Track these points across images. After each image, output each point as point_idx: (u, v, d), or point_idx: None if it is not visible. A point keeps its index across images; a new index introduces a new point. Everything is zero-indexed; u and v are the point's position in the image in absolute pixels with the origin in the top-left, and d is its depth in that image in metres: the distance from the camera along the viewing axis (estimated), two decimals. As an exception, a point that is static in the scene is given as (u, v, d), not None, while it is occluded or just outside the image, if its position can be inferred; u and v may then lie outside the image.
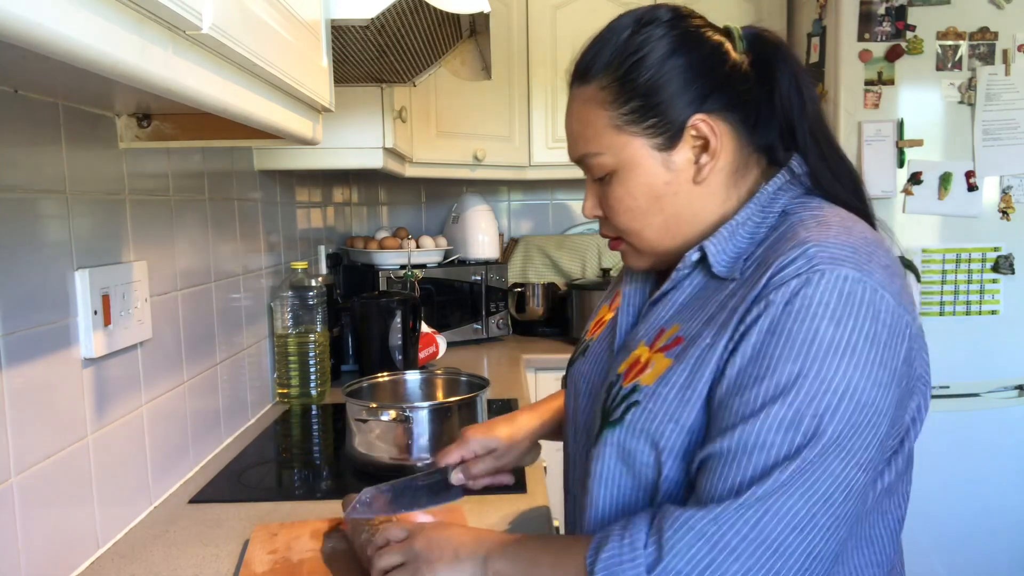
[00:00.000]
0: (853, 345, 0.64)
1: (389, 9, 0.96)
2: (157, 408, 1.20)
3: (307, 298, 1.75)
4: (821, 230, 0.70)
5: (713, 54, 0.76)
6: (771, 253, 0.71)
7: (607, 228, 0.84)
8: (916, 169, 2.18)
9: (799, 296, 0.65)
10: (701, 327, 0.73)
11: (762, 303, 0.67)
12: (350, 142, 1.68)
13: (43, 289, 0.92)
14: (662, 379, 0.73)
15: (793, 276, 0.66)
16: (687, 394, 0.71)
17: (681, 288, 0.79)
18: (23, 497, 0.87)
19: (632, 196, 0.78)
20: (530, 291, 2.57)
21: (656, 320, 0.80)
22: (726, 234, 0.76)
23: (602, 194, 0.81)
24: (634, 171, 0.77)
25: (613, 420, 0.76)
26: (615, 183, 0.79)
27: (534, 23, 2.45)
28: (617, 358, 0.83)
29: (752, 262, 0.73)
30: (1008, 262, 2.20)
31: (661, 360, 0.75)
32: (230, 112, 0.68)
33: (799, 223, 0.73)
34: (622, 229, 0.81)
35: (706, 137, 0.76)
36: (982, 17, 2.14)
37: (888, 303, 0.66)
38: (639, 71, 0.76)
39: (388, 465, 1.27)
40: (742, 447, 0.64)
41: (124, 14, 0.47)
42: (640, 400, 0.74)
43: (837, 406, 0.63)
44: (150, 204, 1.19)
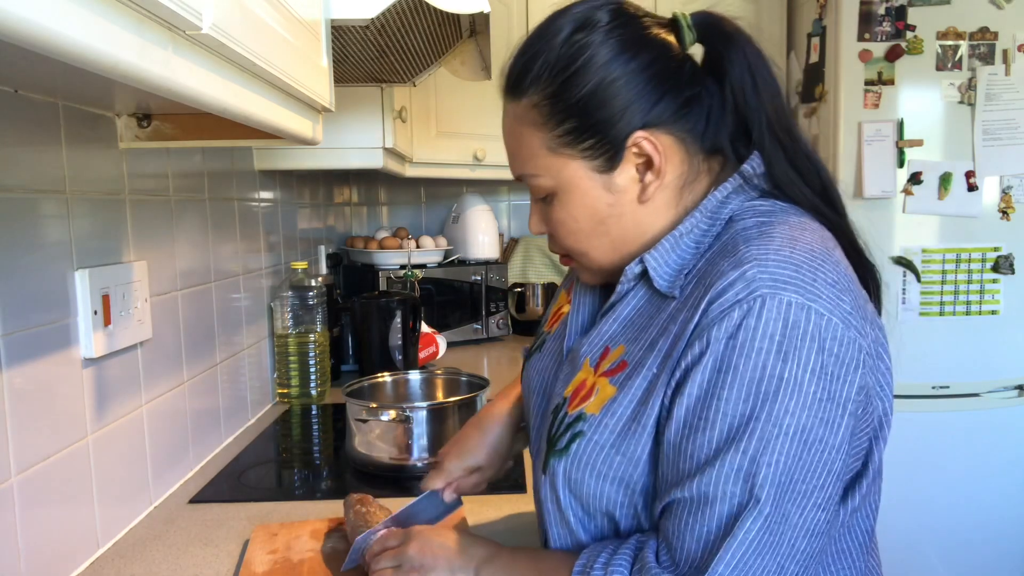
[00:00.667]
0: (799, 381, 0.61)
1: (389, 9, 0.96)
2: (157, 408, 1.20)
3: (307, 298, 1.75)
4: (762, 243, 0.65)
5: (656, 60, 0.70)
6: (710, 267, 0.67)
7: (555, 246, 0.80)
8: (916, 169, 2.18)
9: (742, 329, 0.61)
10: (644, 352, 0.70)
11: (704, 337, 0.63)
12: (350, 142, 1.68)
13: (43, 289, 0.92)
14: (607, 409, 0.70)
15: (733, 303, 0.62)
16: (633, 427, 0.68)
17: (626, 302, 0.76)
18: (23, 497, 0.87)
19: (574, 219, 0.74)
20: (530, 291, 2.57)
21: (600, 336, 0.76)
22: (668, 246, 0.72)
23: (545, 213, 0.77)
24: (573, 194, 0.73)
25: (558, 449, 0.73)
26: (556, 205, 0.75)
27: (534, 23, 2.44)
28: (562, 371, 0.80)
29: (692, 277, 0.69)
30: (1008, 262, 2.20)
31: (606, 387, 0.72)
32: (230, 112, 0.68)
33: (741, 233, 0.68)
34: (568, 249, 0.78)
35: (648, 155, 0.71)
36: (982, 17, 2.14)
37: (835, 329, 0.62)
38: (573, 87, 0.69)
39: (388, 465, 1.27)
40: (702, 498, 0.62)
41: (124, 14, 0.47)
42: (585, 431, 0.71)
43: (789, 450, 0.61)
44: (150, 204, 1.19)
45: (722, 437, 0.62)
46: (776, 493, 0.61)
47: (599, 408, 0.71)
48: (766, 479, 0.61)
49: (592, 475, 0.70)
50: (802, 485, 0.62)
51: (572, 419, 0.73)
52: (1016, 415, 2.21)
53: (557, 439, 0.74)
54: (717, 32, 0.73)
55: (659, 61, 0.70)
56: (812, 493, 0.62)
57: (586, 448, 0.71)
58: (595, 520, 0.73)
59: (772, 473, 0.61)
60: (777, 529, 0.61)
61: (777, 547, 0.61)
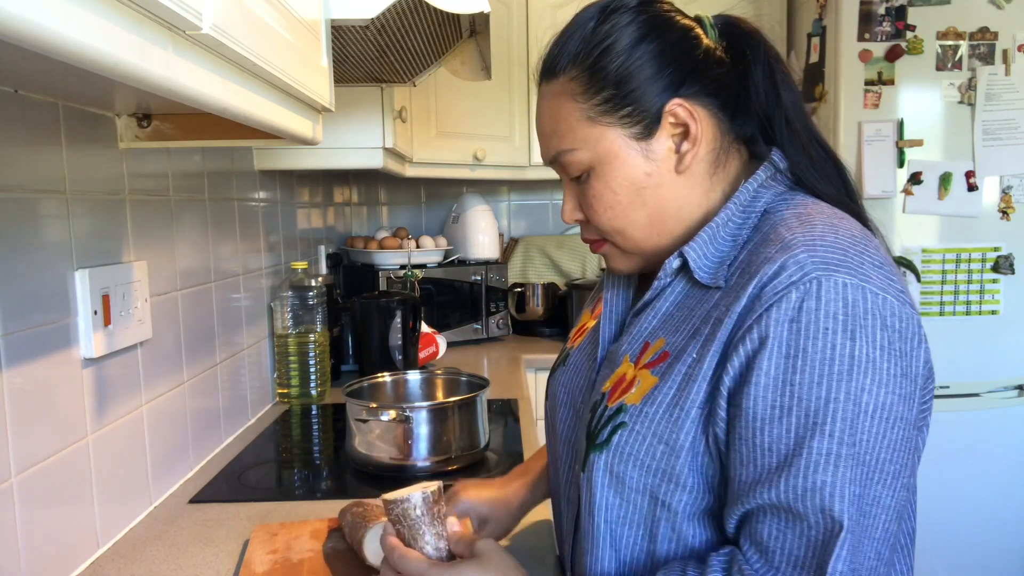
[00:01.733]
0: (872, 359, 0.60)
1: (389, 9, 0.96)
2: (157, 408, 1.20)
3: (307, 298, 1.75)
4: (806, 230, 0.66)
5: (684, 38, 0.73)
6: (754, 257, 0.67)
7: (589, 231, 0.80)
8: (916, 169, 2.18)
9: (803, 311, 0.61)
10: (686, 341, 0.70)
11: (762, 323, 0.62)
12: (350, 142, 1.68)
13: (43, 289, 0.92)
14: (648, 398, 0.70)
15: (788, 286, 0.62)
16: (675, 413, 0.68)
17: (664, 297, 0.76)
18: (23, 497, 0.87)
19: (612, 191, 0.74)
20: (530, 291, 2.57)
21: (639, 332, 0.76)
22: (706, 237, 0.72)
23: (581, 194, 0.77)
24: (612, 164, 0.73)
25: (599, 443, 0.72)
26: (593, 179, 0.75)
27: (534, 23, 2.45)
28: (601, 373, 0.80)
29: (736, 267, 0.69)
30: (1008, 262, 2.20)
31: (647, 377, 0.72)
32: (230, 112, 0.68)
33: (781, 223, 0.69)
34: (605, 228, 0.77)
35: (685, 123, 0.72)
36: (982, 17, 2.14)
37: (892, 306, 0.62)
38: (608, 59, 0.72)
39: (388, 465, 1.27)
40: (795, 495, 0.60)
41: (124, 14, 0.47)
42: (626, 421, 0.71)
43: (873, 429, 0.60)
44: (150, 204, 1.19)
45: (801, 423, 0.60)
46: (865, 476, 0.60)
47: (640, 398, 0.71)
48: (854, 458, 0.59)
49: (635, 467, 0.69)
50: (889, 466, 0.61)
51: (612, 411, 0.73)
52: (1016, 415, 2.21)
53: (597, 432, 0.73)
54: (738, 31, 0.76)
55: (688, 40, 0.73)
56: (899, 473, 0.61)
57: (628, 438, 0.70)
58: (630, 525, 0.71)
59: (859, 454, 0.59)
60: (870, 512, 0.60)
61: (873, 532, 0.60)
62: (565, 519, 0.85)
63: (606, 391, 0.76)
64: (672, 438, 0.67)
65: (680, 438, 0.67)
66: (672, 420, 0.68)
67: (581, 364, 0.86)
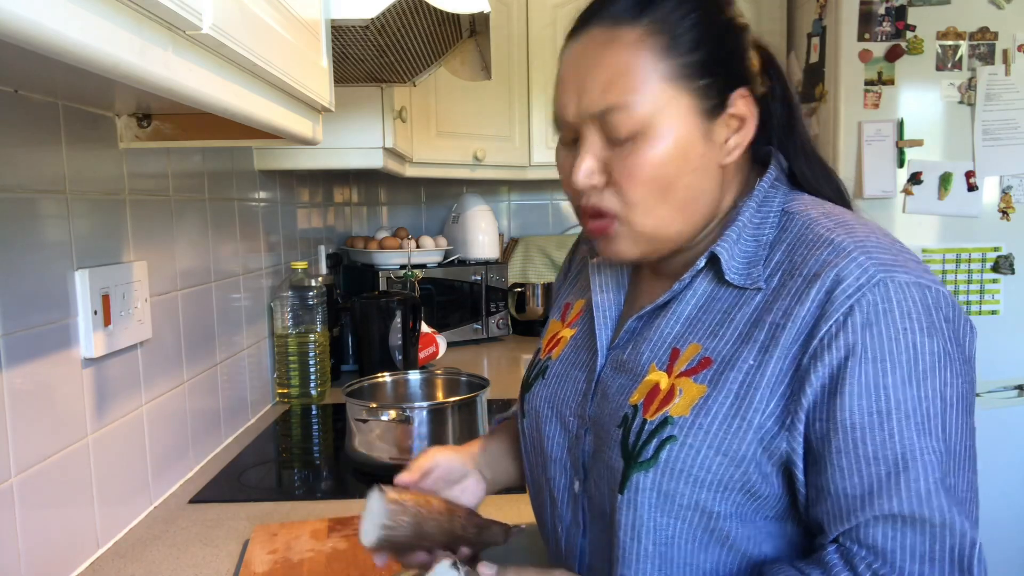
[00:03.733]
0: (947, 352, 0.61)
1: (389, 9, 0.96)
2: (157, 408, 1.20)
3: (307, 298, 1.75)
4: (847, 231, 0.66)
5: (747, 38, 0.72)
6: (797, 259, 0.66)
7: (604, 199, 0.70)
8: (916, 169, 2.18)
9: (880, 314, 0.61)
10: (734, 346, 0.67)
11: (843, 329, 0.61)
12: (350, 142, 1.68)
13: (43, 289, 0.92)
14: (700, 408, 0.66)
15: (856, 290, 0.61)
16: (736, 423, 0.64)
17: (682, 299, 0.72)
18: (23, 497, 0.87)
19: (663, 163, 0.67)
20: (530, 291, 2.57)
21: (661, 338, 0.72)
22: (734, 236, 0.70)
23: (613, 159, 0.69)
24: (672, 134, 0.67)
25: (643, 461, 0.67)
26: (644, 145, 0.67)
27: (534, 23, 2.45)
28: (613, 383, 0.75)
29: (773, 268, 0.68)
30: (1008, 262, 2.20)
31: (691, 386, 0.68)
32: (230, 112, 0.68)
33: (813, 224, 0.68)
34: (632, 201, 0.69)
35: (744, 116, 0.70)
36: (982, 17, 2.14)
37: (944, 297, 0.63)
38: (706, 23, 0.68)
39: (388, 465, 1.27)
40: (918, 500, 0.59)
41: (124, 14, 0.47)
42: (676, 435, 0.66)
43: (959, 421, 0.61)
44: (150, 204, 1.19)
45: (902, 427, 0.60)
46: (957, 466, 0.61)
47: (688, 409, 0.67)
48: (951, 454, 0.60)
49: (688, 483, 0.66)
50: (970, 451, 0.62)
51: (655, 425, 0.68)
52: (1016, 415, 2.21)
53: (640, 450, 0.68)
54: (763, 49, 0.76)
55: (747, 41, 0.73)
56: (974, 456, 0.62)
57: (679, 453, 0.66)
58: (681, 544, 0.68)
59: (951, 447, 0.60)
60: (967, 498, 0.61)
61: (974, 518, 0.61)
62: (564, 542, 0.80)
63: (636, 403, 0.70)
64: (733, 449, 0.64)
65: (743, 449, 0.64)
66: (732, 431, 0.65)
67: (567, 375, 0.81)
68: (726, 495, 0.66)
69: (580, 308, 0.86)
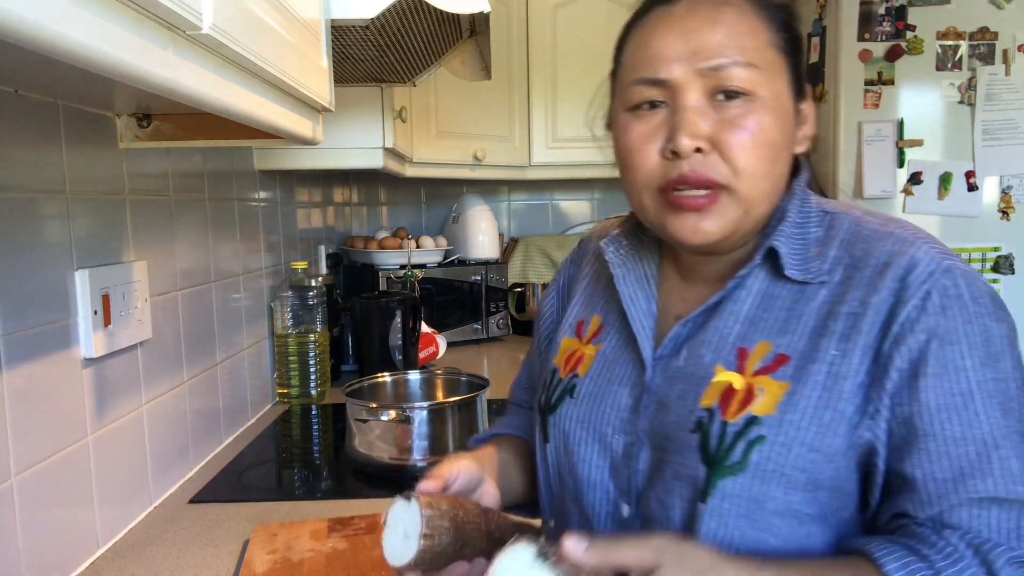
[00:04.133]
0: (1008, 335, 0.64)
1: (389, 9, 0.96)
2: (157, 408, 1.20)
3: (307, 298, 1.75)
4: (900, 226, 0.68)
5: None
6: (858, 252, 0.67)
7: (710, 165, 0.66)
8: (916, 169, 2.18)
9: (954, 299, 0.63)
10: (811, 340, 0.66)
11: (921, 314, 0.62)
12: (350, 142, 1.68)
13: (43, 289, 0.92)
14: (788, 406, 0.64)
15: (930, 277, 0.63)
16: (827, 416, 0.63)
17: (736, 299, 0.70)
18: (23, 497, 0.87)
19: (774, 129, 0.67)
20: (530, 291, 2.57)
21: (722, 339, 0.70)
22: (790, 232, 0.69)
23: (718, 122, 0.66)
24: (780, 103, 0.68)
25: (731, 465, 0.64)
26: (759, 109, 0.66)
27: (534, 23, 2.45)
28: (672, 391, 0.71)
29: (832, 263, 0.68)
30: (1008, 262, 2.20)
31: (771, 384, 0.66)
32: (230, 112, 0.68)
33: (865, 220, 0.70)
34: (743, 167, 0.66)
35: (807, 113, 0.72)
36: (982, 17, 2.14)
37: (987, 285, 0.66)
38: (796, 13, 0.71)
39: (388, 465, 1.27)
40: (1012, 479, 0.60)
41: (124, 14, 0.47)
42: (765, 435, 0.64)
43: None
44: (150, 204, 1.19)
45: (985, 407, 0.61)
46: None
47: (774, 407, 0.65)
48: None
49: (780, 484, 0.64)
50: None
51: (739, 427, 0.65)
52: (1016, 415, 2.21)
53: (725, 455, 0.65)
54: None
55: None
56: None
57: (770, 453, 0.64)
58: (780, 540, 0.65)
59: None
60: None
61: None
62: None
63: (710, 406, 0.67)
64: (825, 443, 0.63)
65: (835, 442, 0.63)
66: (824, 424, 0.63)
67: (604, 393, 0.76)
68: (816, 495, 0.64)
69: (598, 324, 0.83)
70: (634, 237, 0.82)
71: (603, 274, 0.85)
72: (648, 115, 0.69)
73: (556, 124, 2.52)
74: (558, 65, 2.46)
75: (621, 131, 0.71)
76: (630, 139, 0.70)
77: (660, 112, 0.68)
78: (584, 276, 0.90)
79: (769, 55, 0.67)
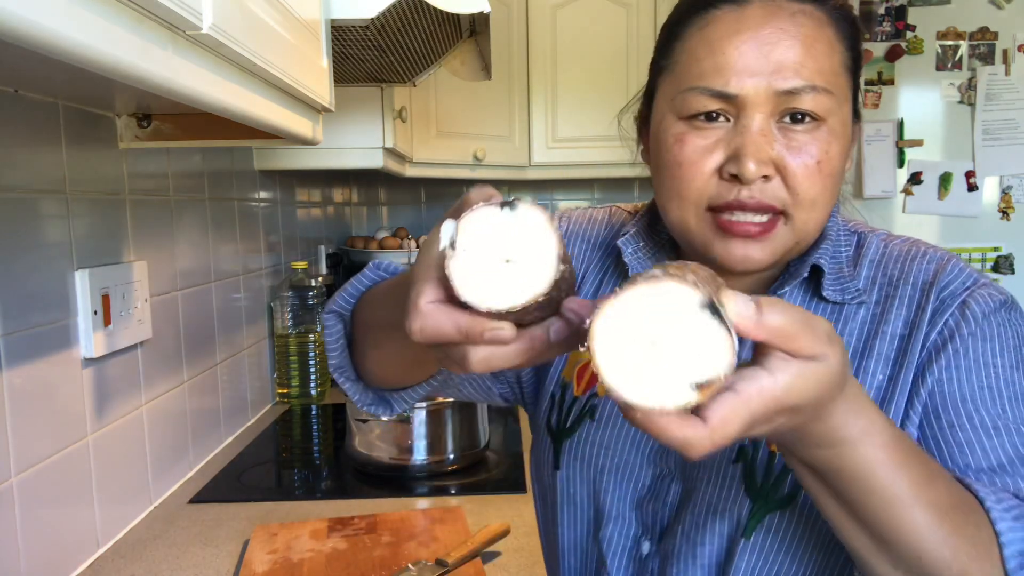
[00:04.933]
0: None
1: (389, 9, 0.96)
2: (157, 408, 1.20)
3: (307, 298, 1.75)
4: (926, 245, 0.68)
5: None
6: (894, 272, 0.67)
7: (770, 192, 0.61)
8: (916, 169, 2.18)
9: (994, 306, 0.63)
10: (854, 363, 0.64)
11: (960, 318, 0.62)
12: (350, 142, 1.68)
13: (43, 289, 0.92)
14: None
15: (966, 289, 0.63)
16: None
17: None
18: (23, 497, 0.87)
19: (841, 158, 0.63)
20: (530, 291, 2.57)
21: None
22: (831, 251, 0.67)
23: (794, 148, 0.61)
24: (846, 129, 0.63)
25: (780, 498, 0.61)
26: (828, 136, 0.61)
27: (534, 23, 2.45)
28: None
29: (866, 283, 0.67)
30: (1008, 262, 2.20)
31: None
32: (230, 112, 0.68)
33: (889, 241, 0.69)
34: (807, 197, 0.61)
35: (853, 135, 0.68)
36: (982, 17, 2.14)
37: None
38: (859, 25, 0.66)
39: (388, 465, 1.27)
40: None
41: (124, 14, 0.47)
42: None
43: None
44: (150, 204, 1.19)
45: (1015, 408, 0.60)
46: None
47: None
48: None
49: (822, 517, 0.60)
50: None
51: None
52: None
53: (773, 488, 0.61)
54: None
55: None
56: None
57: None
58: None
59: None
60: None
61: None
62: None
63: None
64: None
65: None
66: None
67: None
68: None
69: None
70: (651, 239, 0.75)
71: (616, 276, 0.78)
72: (706, 127, 0.62)
73: (556, 124, 2.52)
74: (558, 65, 2.46)
75: (673, 140, 0.64)
76: (684, 151, 0.63)
77: (720, 127, 0.62)
78: (592, 273, 0.80)
79: (842, 79, 0.62)
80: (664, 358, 0.37)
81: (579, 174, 2.52)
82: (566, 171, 2.51)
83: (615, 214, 0.83)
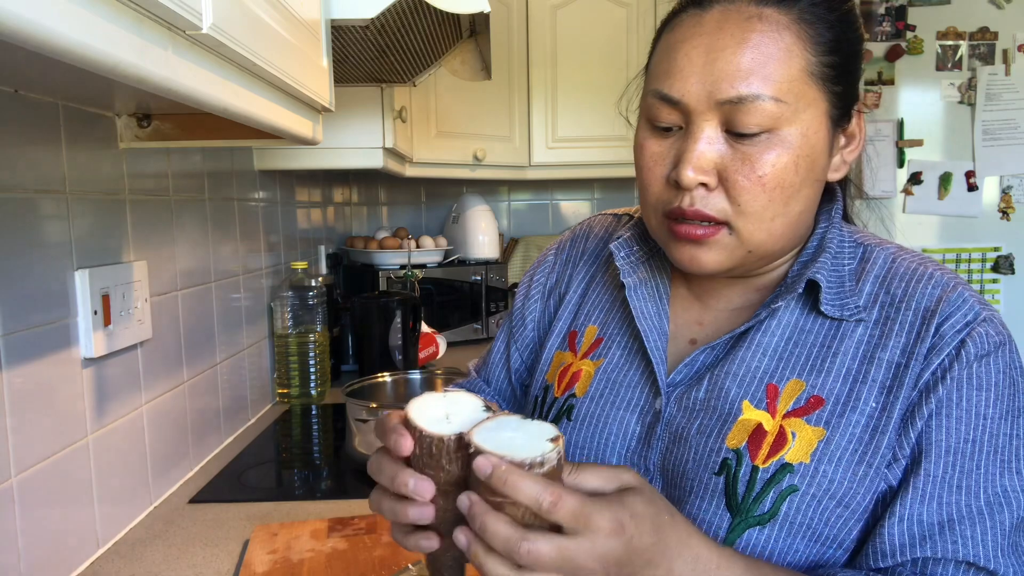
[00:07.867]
0: None
1: (389, 9, 0.96)
2: (157, 408, 1.20)
3: (307, 298, 1.75)
4: (938, 268, 0.66)
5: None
6: (897, 291, 0.65)
7: (711, 203, 0.62)
8: (916, 169, 2.18)
9: (993, 347, 0.61)
10: (848, 385, 0.63)
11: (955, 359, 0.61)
12: (350, 142, 1.68)
13: (43, 289, 0.92)
14: (822, 455, 0.61)
15: (967, 325, 0.62)
16: (861, 470, 0.60)
17: (765, 330, 0.66)
18: (23, 497, 0.87)
19: (794, 170, 0.60)
20: (530, 291, 2.57)
21: (749, 372, 0.65)
22: (829, 263, 0.66)
23: (731, 157, 0.60)
24: (807, 139, 0.61)
25: (761, 515, 0.60)
26: (776, 145, 0.60)
27: (534, 23, 2.45)
28: (692, 424, 0.66)
29: (867, 300, 0.65)
30: (1008, 262, 2.20)
31: (804, 428, 0.62)
32: (230, 112, 0.68)
33: (897, 256, 0.67)
34: (750, 209, 0.61)
35: (855, 134, 0.67)
36: (982, 17, 2.14)
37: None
38: (851, 25, 0.62)
39: (388, 465, 1.27)
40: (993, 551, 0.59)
41: (124, 14, 0.47)
42: (798, 485, 0.60)
43: None
44: (150, 204, 1.19)
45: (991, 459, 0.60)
46: None
47: (808, 455, 0.61)
48: None
49: (805, 538, 0.60)
50: None
51: (770, 474, 0.61)
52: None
53: (754, 503, 0.61)
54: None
55: None
56: None
57: (801, 505, 0.60)
58: None
59: None
60: None
61: None
62: None
63: (738, 447, 0.62)
64: (856, 500, 0.60)
65: (865, 501, 0.60)
66: (857, 478, 0.60)
67: (607, 417, 0.71)
68: (836, 552, 0.61)
69: (594, 336, 0.76)
70: (644, 244, 0.76)
71: (604, 280, 0.80)
72: (662, 135, 0.64)
73: (556, 124, 2.52)
74: (558, 65, 2.46)
75: (638, 146, 0.67)
76: (643, 157, 0.66)
77: (674, 134, 0.64)
78: (578, 279, 0.83)
79: (799, 87, 0.60)
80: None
81: (579, 174, 2.52)
82: (566, 171, 2.52)
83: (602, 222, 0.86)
